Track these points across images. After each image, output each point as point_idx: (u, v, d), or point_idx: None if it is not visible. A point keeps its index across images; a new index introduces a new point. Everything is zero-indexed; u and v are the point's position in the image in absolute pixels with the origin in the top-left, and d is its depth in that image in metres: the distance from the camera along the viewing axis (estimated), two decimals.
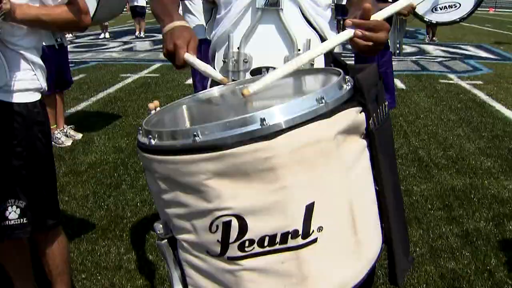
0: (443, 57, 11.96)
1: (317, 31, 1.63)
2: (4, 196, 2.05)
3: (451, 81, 8.78)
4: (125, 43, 14.56)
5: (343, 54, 8.54)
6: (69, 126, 5.44)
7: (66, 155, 4.88)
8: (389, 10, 1.32)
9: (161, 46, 1.52)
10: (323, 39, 1.64)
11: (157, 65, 10.16)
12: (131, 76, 8.97)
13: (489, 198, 3.90)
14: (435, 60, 11.35)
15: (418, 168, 4.52)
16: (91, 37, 15.28)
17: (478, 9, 4.12)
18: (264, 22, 1.59)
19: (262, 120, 0.91)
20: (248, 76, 1.61)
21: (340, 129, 1.00)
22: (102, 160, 4.76)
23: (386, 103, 1.19)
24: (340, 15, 15.26)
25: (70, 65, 5.84)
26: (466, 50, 13.53)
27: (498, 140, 5.36)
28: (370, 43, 1.28)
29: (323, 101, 0.97)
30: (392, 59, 4.71)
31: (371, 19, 1.28)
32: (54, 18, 2.01)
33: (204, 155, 0.93)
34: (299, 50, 1.58)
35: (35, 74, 2.06)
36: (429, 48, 13.61)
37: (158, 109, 1.29)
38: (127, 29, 18.16)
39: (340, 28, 14.90)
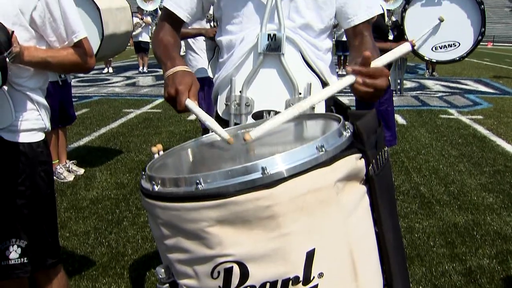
0: (443, 92, 12.08)
1: (317, 75, 1.66)
2: (6, 235, 2.05)
3: (451, 116, 8.84)
4: (128, 78, 14.73)
5: (343, 90, 8.60)
6: (71, 161, 5.46)
7: (67, 190, 4.88)
8: (388, 57, 1.36)
9: (164, 81, 1.56)
10: (323, 82, 1.67)
11: (160, 100, 10.23)
12: (133, 112, 9.05)
13: (492, 235, 3.88)
14: (435, 95, 11.47)
15: (419, 204, 4.51)
16: (95, 72, 15.43)
17: None
18: (266, 66, 1.63)
19: (264, 169, 0.93)
20: (250, 119, 1.64)
21: (340, 176, 1.02)
22: (104, 196, 4.76)
23: (386, 148, 1.21)
24: (340, 51, 15.54)
25: (73, 99, 5.90)
26: (466, 84, 13.66)
27: (499, 176, 5.37)
28: (371, 90, 1.31)
29: (323, 149, 0.99)
30: (393, 95, 4.77)
31: (371, 66, 1.32)
32: (60, 60, 2.05)
33: (207, 203, 0.95)
34: (300, 94, 1.61)
35: (39, 114, 2.08)
36: (429, 83, 13.75)
37: (161, 152, 1.30)
38: (130, 64, 18.39)
39: (341, 63, 15.13)
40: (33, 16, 1.94)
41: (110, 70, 16.27)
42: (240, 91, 1.64)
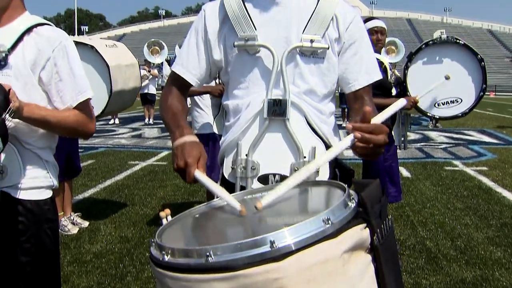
0: (447, 143, 12.13)
1: (321, 138, 1.71)
2: None
3: (456, 168, 8.85)
4: (134, 129, 14.90)
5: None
6: (76, 214, 5.46)
7: (71, 243, 4.86)
8: (386, 113, 1.41)
9: (172, 150, 1.60)
10: (327, 145, 1.72)
11: (165, 153, 10.30)
12: (139, 164, 9.10)
13: None
14: (440, 146, 11.51)
15: (426, 260, 4.46)
16: (101, 123, 15.61)
17: None
18: (271, 131, 1.68)
19: (272, 242, 0.96)
20: (255, 182, 1.67)
21: (347, 247, 1.04)
22: (108, 249, 4.73)
23: (390, 217, 1.23)
24: (344, 103, 15.71)
25: (79, 150, 5.95)
26: (470, 135, 13.72)
27: (507, 228, 5.32)
28: (370, 146, 1.35)
29: (330, 221, 1.02)
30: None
31: (371, 122, 1.36)
32: (60, 121, 2.04)
33: (217, 275, 0.97)
34: (304, 157, 1.65)
35: (48, 172, 2.10)
36: (433, 134, 13.82)
37: (169, 217, 1.32)
38: (137, 115, 18.61)
39: (345, 116, 15.29)
40: (41, 75, 1.98)
41: (117, 121, 16.48)
42: (246, 155, 1.68)
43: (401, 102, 1.44)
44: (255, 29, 1.68)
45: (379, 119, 1.38)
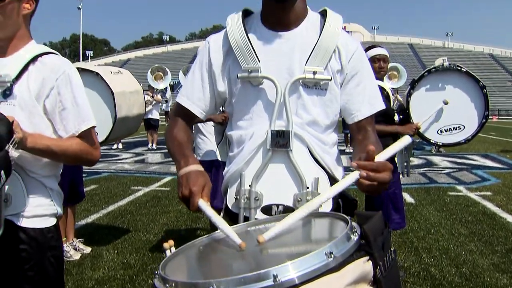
0: (450, 168, 12.09)
1: (324, 169, 1.72)
2: None
3: (460, 193, 8.81)
4: (137, 154, 14.92)
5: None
6: (78, 240, 5.44)
7: (73, 270, 4.83)
8: (390, 151, 1.43)
9: (177, 179, 1.61)
10: (330, 176, 1.73)
11: (168, 178, 10.30)
12: (142, 189, 9.09)
13: None
14: (443, 171, 11.47)
15: (431, 287, 4.42)
16: (104, 147, 15.62)
17: None
18: (275, 162, 1.69)
19: (275, 276, 0.96)
20: (259, 212, 1.67)
21: (349, 281, 1.04)
22: (110, 276, 4.70)
23: (393, 248, 1.24)
24: (347, 129, 15.69)
25: (83, 175, 5.96)
26: (473, 160, 13.69)
27: None
28: (375, 183, 1.37)
29: (333, 255, 1.02)
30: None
31: (375, 160, 1.38)
32: (64, 150, 2.04)
33: None
34: (307, 188, 1.66)
35: (52, 200, 2.10)
36: (436, 159, 13.78)
37: (173, 249, 1.33)
38: (140, 140, 18.66)
39: (347, 141, 15.29)
40: (45, 104, 2.01)
41: (120, 146, 16.52)
42: (249, 185, 1.69)
43: (406, 140, 1.46)
44: (259, 61, 1.71)
45: (383, 156, 1.40)
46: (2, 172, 1.70)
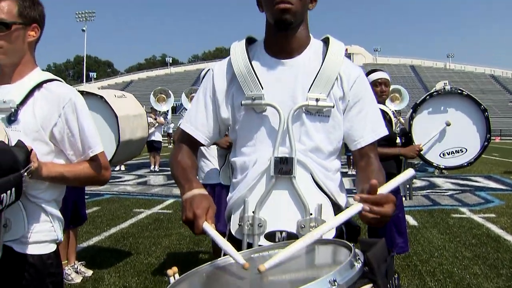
0: (453, 189, 12.04)
1: (327, 195, 1.72)
2: None
3: (463, 215, 8.76)
4: (140, 176, 14.92)
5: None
6: (80, 262, 5.41)
7: None
8: (393, 183, 1.44)
9: (181, 203, 1.61)
10: (333, 202, 1.73)
11: (170, 201, 10.27)
12: (144, 212, 9.05)
13: None
14: (446, 193, 11.42)
15: None
16: None
17: None
18: (278, 188, 1.70)
19: None
20: (262, 239, 1.68)
21: None
22: None
23: (396, 275, 1.23)
24: (350, 151, 15.70)
25: (85, 196, 5.95)
26: (476, 181, 13.64)
27: None
28: (378, 216, 1.39)
29: (336, 283, 1.02)
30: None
31: (378, 192, 1.39)
32: (77, 174, 2.10)
33: None
34: (311, 214, 1.66)
35: (52, 226, 2.09)
36: (439, 181, 13.74)
37: (176, 276, 1.33)
38: (142, 162, 18.68)
39: (350, 164, 15.27)
40: (53, 132, 2.04)
41: (122, 168, 16.54)
42: (253, 212, 1.69)
43: (410, 172, 1.47)
44: (262, 88, 1.73)
45: (386, 189, 1.41)
46: (13, 190, 1.72)
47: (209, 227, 1.45)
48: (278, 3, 1.67)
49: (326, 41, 1.83)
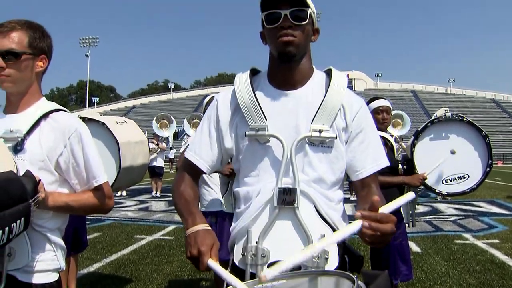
0: (456, 215, 11.95)
1: (330, 225, 1.72)
2: None
3: (467, 241, 8.67)
4: (141, 202, 14.86)
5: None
6: None
7: None
8: (394, 204, 1.44)
9: (185, 238, 1.61)
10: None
11: (172, 227, 10.19)
12: (145, 238, 8.99)
13: None
14: (449, 219, 11.33)
15: None
16: None
17: None
18: (281, 218, 1.70)
19: None
20: (265, 269, 1.66)
21: None
22: None
23: None
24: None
25: (86, 222, 5.92)
26: (479, 206, 13.55)
27: None
28: (378, 234, 1.38)
29: None
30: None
31: (379, 211, 1.39)
32: (81, 204, 2.13)
33: None
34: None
35: (55, 255, 2.10)
36: (442, 206, 13.65)
37: None
38: (144, 187, 18.64)
39: (352, 190, 15.22)
40: (59, 161, 2.06)
41: (124, 193, 16.50)
42: (256, 242, 1.69)
43: (410, 195, 1.49)
44: (266, 119, 1.75)
45: (387, 209, 1.41)
46: (22, 219, 1.74)
47: (214, 264, 1.46)
48: (282, 36, 1.70)
49: (328, 73, 1.85)
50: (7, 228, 1.69)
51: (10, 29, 2.04)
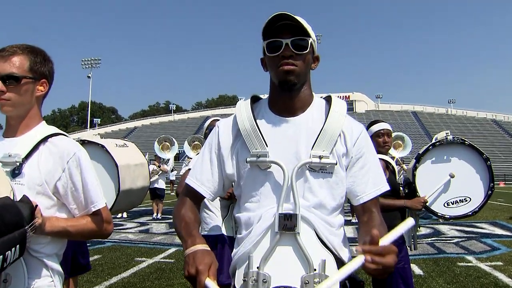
0: (459, 237, 11.86)
1: (331, 251, 1.72)
2: None
3: (469, 264, 8.59)
4: (142, 224, 14.78)
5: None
6: None
7: None
8: (394, 234, 1.45)
9: (184, 258, 1.60)
10: (337, 257, 1.73)
11: (173, 250, 10.13)
12: (146, 261, 8.92)
13: None
14: (451, 241, 11.23)
15: None
16: None
17: None
18: (282, 244, 1.70)
19: None
20: None
21: None
22: None
23: None
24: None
25: (87, 244, 5.87)
26: (482, 228, 13.46)
27: None
28: (380, 267, 1.39)
29: None
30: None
31: (379, 243, 1.39)
32: (79, 229, 2.11)
33: None
34: (315, 270, 1.66)
35: (52, 281, 2.07)
36: (444, 228, 13.56)
37: None
38: (145, 209, 18.58)
39: (354, 213, 15.17)
40: (57, 186, 2.06)
41: (124, 215, 16.45)
42: (257, 267, 1.69)
43: (410, 222, 1.49)
44: (267, 146, 1.77)
45: (387, 240, 1.42)
46: (18, 247, 1.72)
47: (212, 283, 1.44)
48: (283, 64, 1.73)
49: (328, 100, 1.87)
50: (1, 257, 1.67)
51: (11, 54, 2.06)
